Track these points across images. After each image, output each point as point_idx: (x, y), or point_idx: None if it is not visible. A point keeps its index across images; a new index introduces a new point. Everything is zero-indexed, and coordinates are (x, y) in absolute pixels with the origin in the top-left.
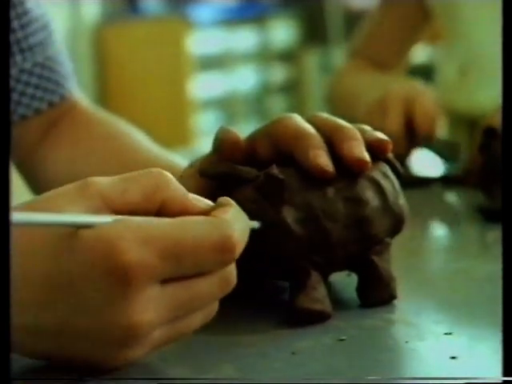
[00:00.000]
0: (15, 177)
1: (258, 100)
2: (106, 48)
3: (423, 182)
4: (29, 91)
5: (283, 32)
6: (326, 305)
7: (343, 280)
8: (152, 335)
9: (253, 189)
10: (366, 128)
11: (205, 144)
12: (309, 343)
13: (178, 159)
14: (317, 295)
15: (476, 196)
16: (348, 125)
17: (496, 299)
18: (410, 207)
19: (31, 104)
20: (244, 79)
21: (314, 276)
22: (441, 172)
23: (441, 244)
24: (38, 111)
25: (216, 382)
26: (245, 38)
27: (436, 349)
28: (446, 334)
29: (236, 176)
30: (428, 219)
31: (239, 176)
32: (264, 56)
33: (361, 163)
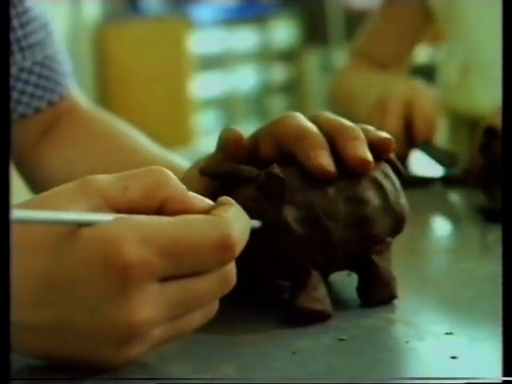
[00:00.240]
0: (15, 177)
1: (259, 100)
2: (107, 47)
3: (423, 182)
4: (28, 90)
5: (283, 32)
6: (327, 304)
7: (343, 280)
8: (152, 333)
9: (254, 188)
10: (369, 128)
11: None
12: (309, 343)
13: (178, 159)
14: (317, 295)
15: (476, 196)
16: (351, 124)
17: (496, 299)
18: (411, 207)
19: (31, 103)
20: (244, 79)
21: (315, 276)
22: (441, 172)
23: (441, 244)
24: (38, 110)
25: (216, 382)
26: (245, 38)
27: (436, 349)
28: (447, 334)
29: (237, 175)
30: (428, 219)
31: (240, 175)
32: (264, 56)
33: (364, 164)
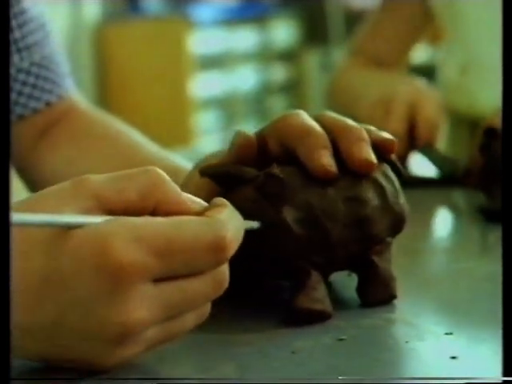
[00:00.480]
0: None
1: (258, 100)
2: (107, 47)
3: (423, 182)
4: (26, 91)
5: (283, 32)
6: (326, 304)
7: (343, 280)
8: (145, 334)
9: (253, 188)
10: (371, 128)
11: (205, 143)
12: (309, 343)
13: (177, 159)
14: (317, 295)
15: (476, 196)
16: (355, 124)
17: (496, 299)
18: (411, 207)
19: (28, 103)
20: (244, 79)
21: (314, 276)
22: (440, 173)
23: (441, 244)
24: (36, 111)
25: (215, 382)
26: (245, 38)
27: (436, 349)
28: (446, 334)
29: (236, 176)
30: (428, 219)
31: (239, 176)
32: (264, 56)
33: (368, 165)
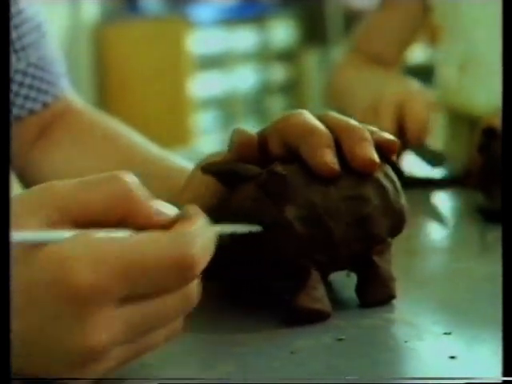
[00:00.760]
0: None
1: (258, 100)
2: (106, 47)
3: (423, 183)
4: (22, 92)
5: (283, 32)
6: (326, 304)
7: (343, 280)
8: (109, 355)
9: (255, 186)
10: (373, 128)
11: (204, 143)
12: (308, 342)
13: (176, 159)
14: (317, 294)
15: (476, 196)
16: (358, 124)
17: (496, 299)
18: (410, 207)
19: (25, 105)
20: (244, 79)
21: (314, 275)
22: (440, 172)
23: (440, 244)
24: (32, 112)
25: (215, 382)
26: (244, 38)
27: (435, 348)
28: (446, 334)
29: (238, 173)
30: (428, 219)
31: (241, 173)
32: (264, 56)
33: (371, 164)
